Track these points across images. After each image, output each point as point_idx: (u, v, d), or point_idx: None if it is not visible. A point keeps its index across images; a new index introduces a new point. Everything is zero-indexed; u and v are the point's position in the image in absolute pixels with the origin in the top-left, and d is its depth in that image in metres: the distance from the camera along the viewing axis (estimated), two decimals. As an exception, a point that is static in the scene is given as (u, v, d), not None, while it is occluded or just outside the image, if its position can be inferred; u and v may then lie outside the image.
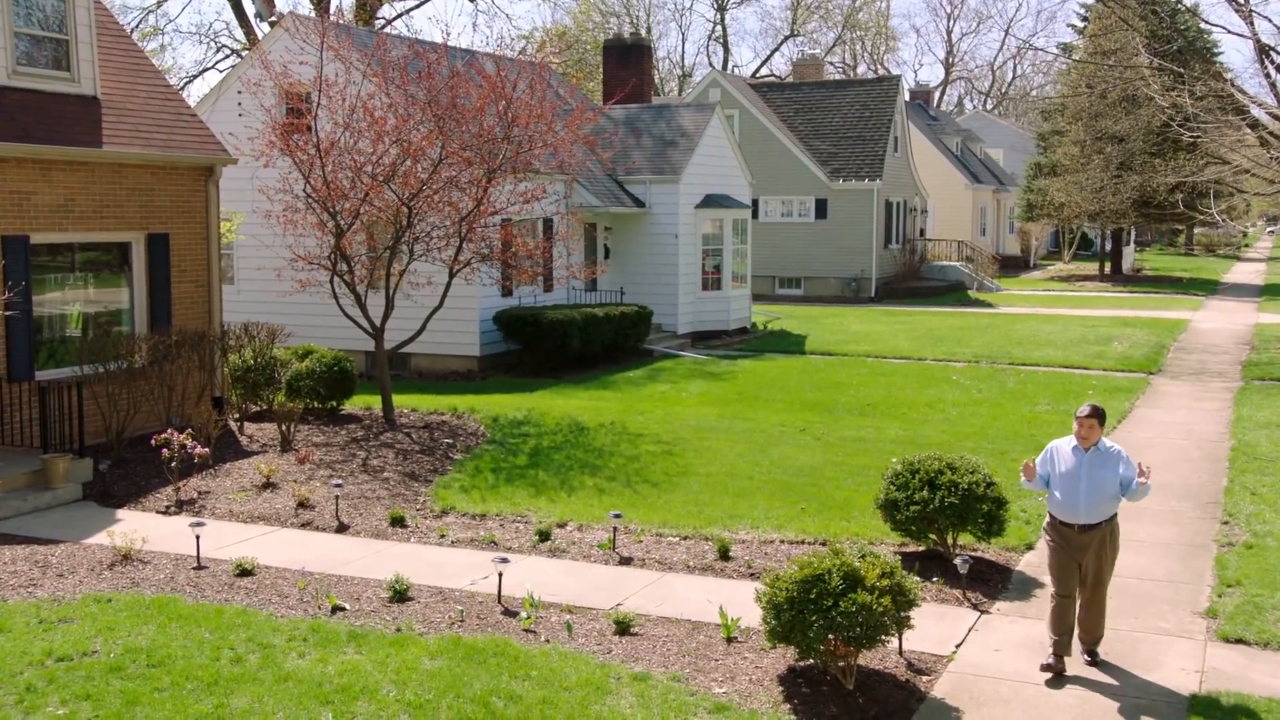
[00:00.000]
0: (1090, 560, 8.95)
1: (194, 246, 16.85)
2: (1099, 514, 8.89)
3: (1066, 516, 8.96)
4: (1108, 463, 8.89)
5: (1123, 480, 8.93)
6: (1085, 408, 8.99)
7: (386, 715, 7.87)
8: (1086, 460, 8.89)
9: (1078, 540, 8.92)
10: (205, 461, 14.46)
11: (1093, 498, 8.83)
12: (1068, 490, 8.92)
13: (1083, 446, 8.95)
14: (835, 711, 8.23)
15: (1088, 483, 8.84)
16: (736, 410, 19.53)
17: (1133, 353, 26.95)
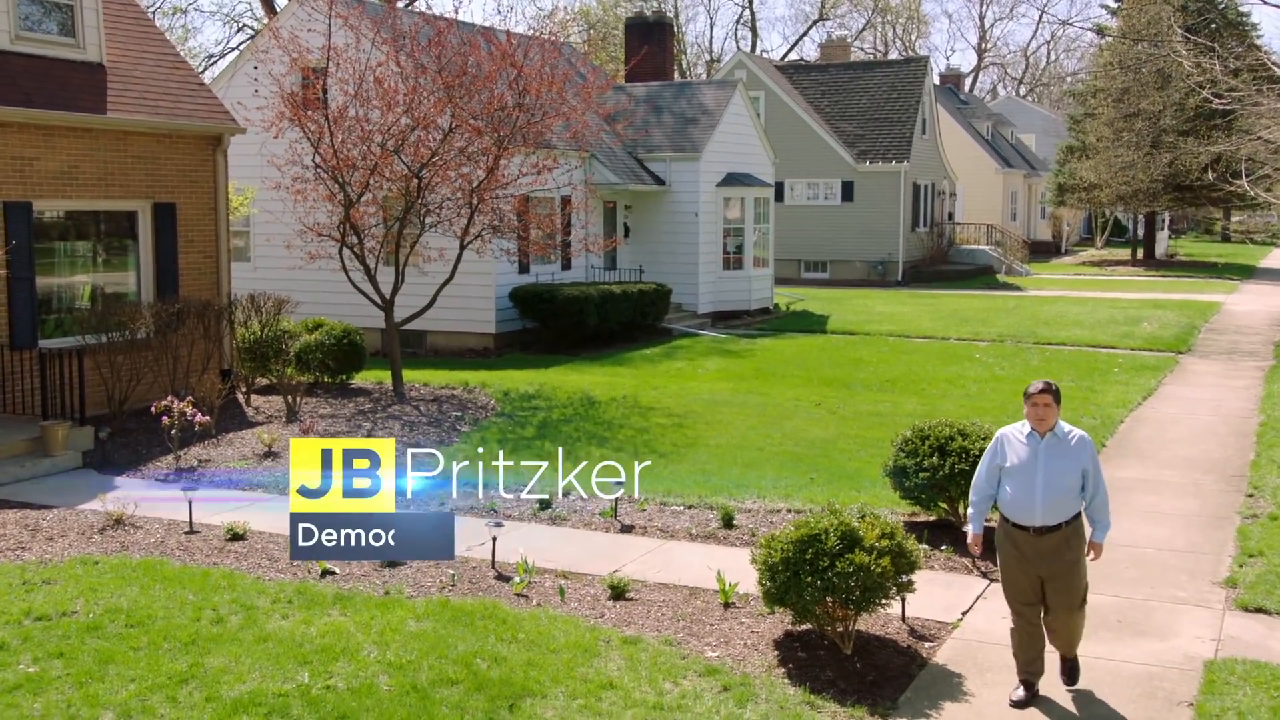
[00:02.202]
0: (1054, 572, 7.45)
1: (202, 217, 16.67)
2: (1059, 513, 7.39)
3: (1020, 517, 7.46)
4: (1067, 451, 7.42)
5: (1085, 473, 7.44)
6: (1037, 384, 7.52)
7: (365, 675, 7.62)
8: (1043, 448, 7.41)
9: (1034, 546, 7.42)
10: (208, 430, 14.28)
11: (1051, 493, 7.34)
12: (1021, 485, 7.42)
13: (1037, 431, 7.44)
14: (831, 676, 7.92)
15: (1045, 475, 7.36)
16: (752, 386, 19.21)
17: (1162, 333, 26.40)
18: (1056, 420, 7.46)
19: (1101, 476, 7.52)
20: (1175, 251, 60.42)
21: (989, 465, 7.65)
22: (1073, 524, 7.46)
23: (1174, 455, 14.73)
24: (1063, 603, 7.53)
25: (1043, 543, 7.42)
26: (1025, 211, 59.89)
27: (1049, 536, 7.41)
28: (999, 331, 26.52)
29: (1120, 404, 17.84)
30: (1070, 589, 7.51)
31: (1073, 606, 7.56)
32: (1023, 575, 7.54)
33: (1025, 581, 7.54)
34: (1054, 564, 7.43)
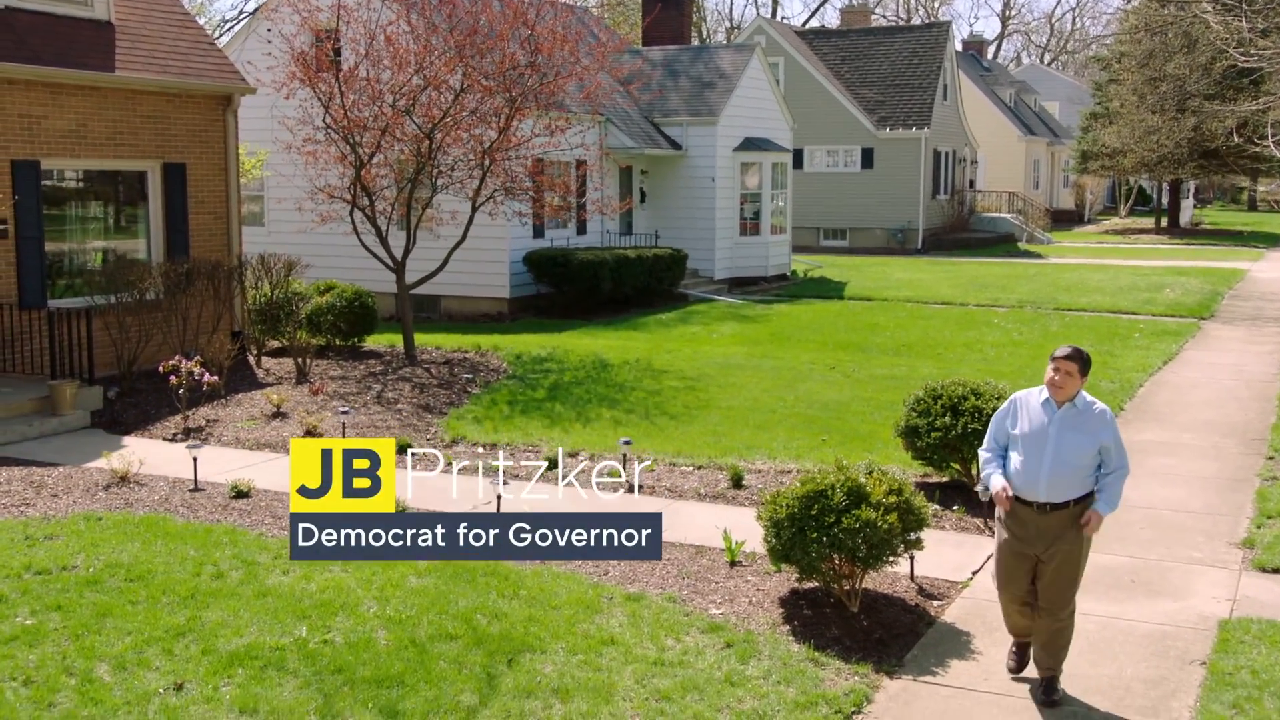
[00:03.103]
0: (1052, 554, 6.78)
1: (212, 177, 16.56)
2: (1066, 490, 6.73)
3: (1024, 490, 6.80)
4: (1085, 424, 6.75)
5: (1103, 451, 6.77)
6: (1065, 348, 6.83)
7: (363, 630, 7.54)
8: (1058, 419, 6.77)
9: (1036, 525, 6.78)
10: (216, 391, 14.21)
11: (1059, 468, 6.70)
12: (1028, 455, 6.79)
13: (1055, 400, 6.79)
14: (837, 633, 7.80)
15: (1055, 448, 6.71)
16: (766, 350, 19.03)
17: (1185, 299, 26.07)
18: (1078, 391, 6.76)
19: (1125, 454, 6.84)
20: (1200, 220, 59.79)
21: (999, 425, 7.06)
22: (1082, 504, 6.76)
23: (1194, 419, 14.51)
24: (1051, 594, 6.81)
25: (1046, 521, 6.76)
26: (1048, 180, 59.30)
27: (1054, 515, 6.74)
28: (1018, 298, 26.23)
29: (1140, 368, 17.60)
30: (1063, 578, 6.79)
31: (1061, 602, 6.81)
32: (1019, 560, 6.87)
33: (1021, 569, 6.88)
34: (1056, 545, 6.76)
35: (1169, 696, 7.00)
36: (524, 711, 6.55)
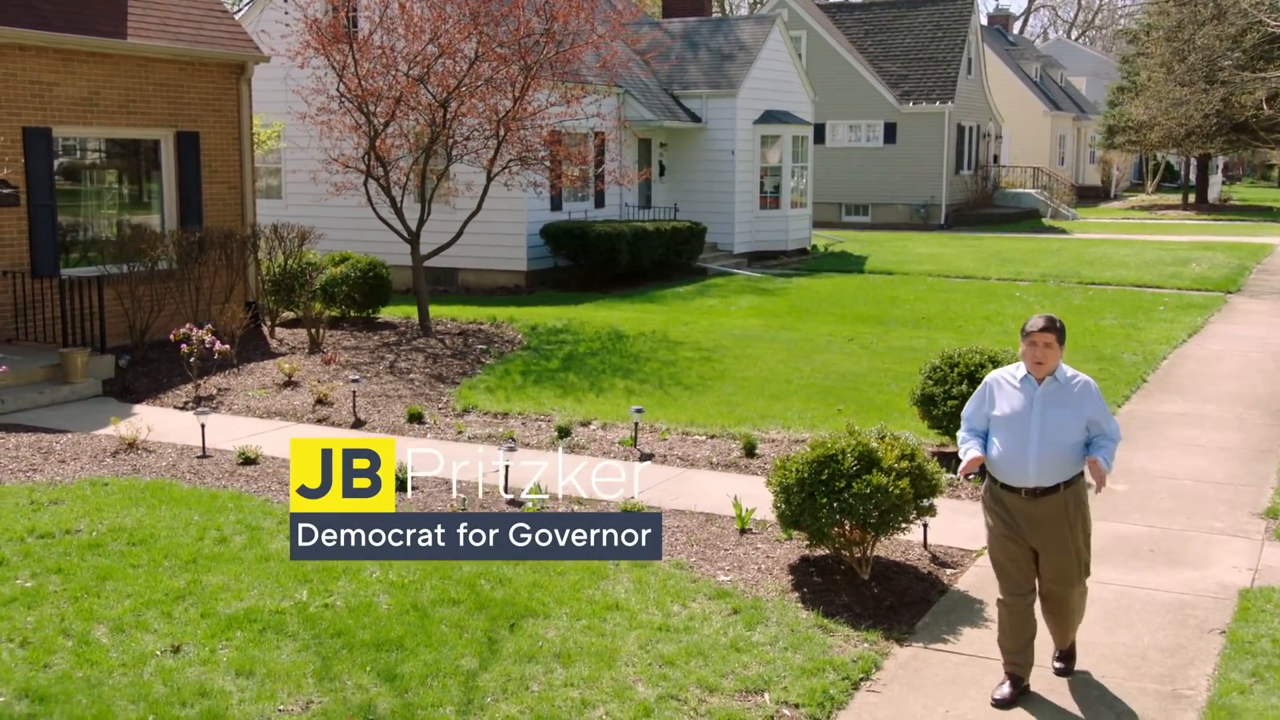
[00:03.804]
0: (1048, 543, 6.30)
1: (225, 147, 16.46)
2: (1056, 472, 6.20)
3: (1010, 477, 6.26)
4: (1068, 400, 6.25)
5: (1090, 425, 6.27)
6: (1038, 319, 6.27)
7: (365, 594, 7.44)
8: (1040, 396, 6.24)
9: (1026, 512, 6.27)
10: (229, 360, 14.14)
11: (1047, 448, 6.16)
12: (1012, 438, 6.26)
13: (1034, 376, 6.27)
14: (847, 600, 7.65)
15: (1041, 427, 6.19)
16: (784, 322, 18.84)
17: (1211, 273, 25.71)
18: (1058, 363, 6.26)
19: (1114, 423, 6.40)
20: (1228, 196, 59.08)
21: (975, 410, 6.51)
22: (1072, 486, 6.28)
23: (1218, 390, 14.27)
24: (1060, 575, 6.36)
25: (1037, 508, 6.23)
26: (1074, 155, 58.68)
27: (1044, 501, 6.22)
28: (1041, 272, 25.92)
29: (1164, 341, 17.34)
30: (1069, 561, 6.33)
31: (1071, 580, 6.38)
32: (1013, 549, 6.36)
33: (1015, 557, 6.36)
34: (1049, 533, 6.27)
35: (1186, 665, 6.83)
36: (524, 675, 6.43)
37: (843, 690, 6.44)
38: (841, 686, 6.47)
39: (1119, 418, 12.76)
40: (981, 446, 6.40)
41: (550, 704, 6.14)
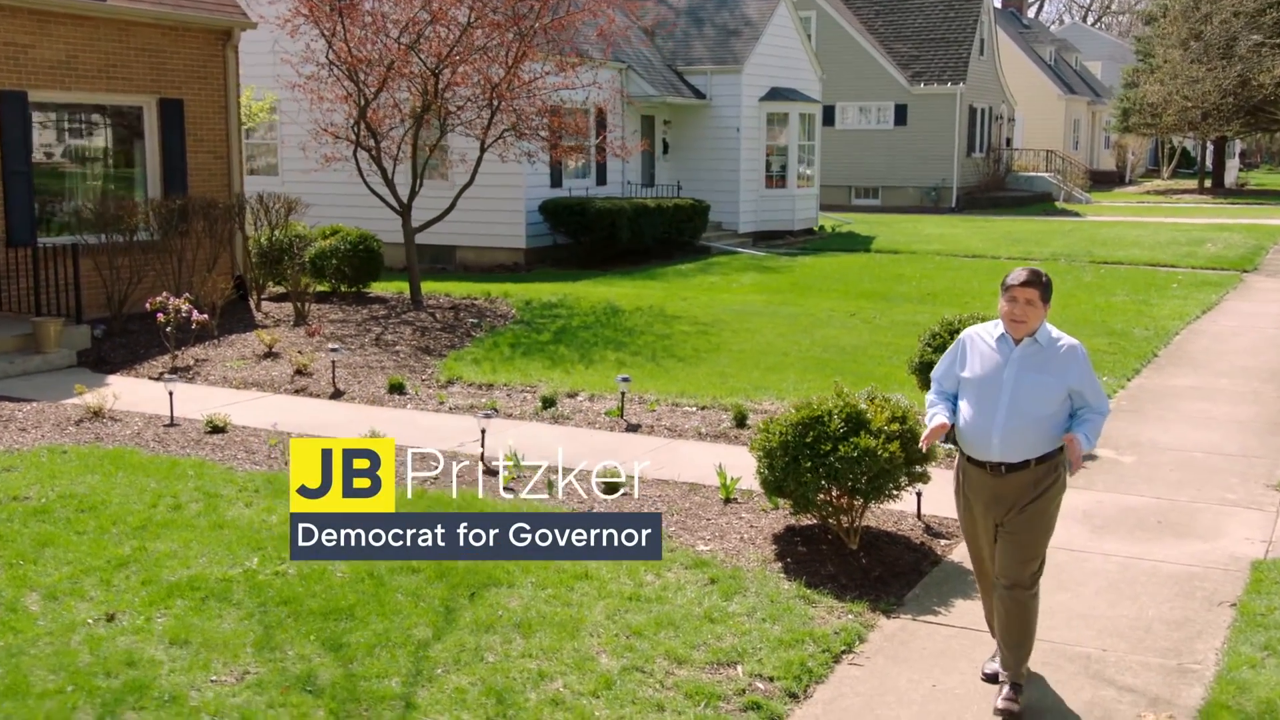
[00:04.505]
0: (1009, 519, 5.49)
1: (211, 115, 16.03)
2: (1025, 447, 5.40)
3: (975, 448, 5.51)
4: (1049, 364, 5.44)
5: (1073, 396, 5.46)
6: (1020, 272, 5.53)
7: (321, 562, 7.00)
8: (1016, 358, 5.46)
9: (992, 490, 5.50)
10: (209, 332, 13.74)
11: (1017, 419, 5.38)
12: (979, 404, 5.47)
13: (1012, 335, 5.49)
14: (832, 571, 7.20)
15: (1012, 394, 5.41)
16: (786, 298, 18.37)
17: (1227, 253, 25.13)
18: (1041, 324, 5.49)
19: (1103, 396, 5.55)
20: (1245, 181, 58.31)
21: (946, 369, 5.76)
22: (1046, 464, 5.45)
23: (1232, 365, 13.77)
24: (1005, 563, 5.50)
25: (1003, 486, 5.47)
26: (1088, 140, 57.94)
27: (1012, 479, 5.45)
28: (1052, 251, 25.36)
29: (1176, 316, 16.83)
30: (1020, 545, 5.47)
31: (1017, 575, 5.48)
32: (979, 530, 5.68)
33: (982, 539, 5.69)
34: (1014, 511, 5.48)
35: (1194, 638, 6.36)
36: (479, 646, 6.00)
37: (822, 663, 6.00)
38: (821, 659, 6.03)
39: (1127, 391, 12.28)
40: (950, 412, 5.64)
41: (504, 675, 5.71)
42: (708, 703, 5.52)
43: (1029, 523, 5.46)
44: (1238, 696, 5.58)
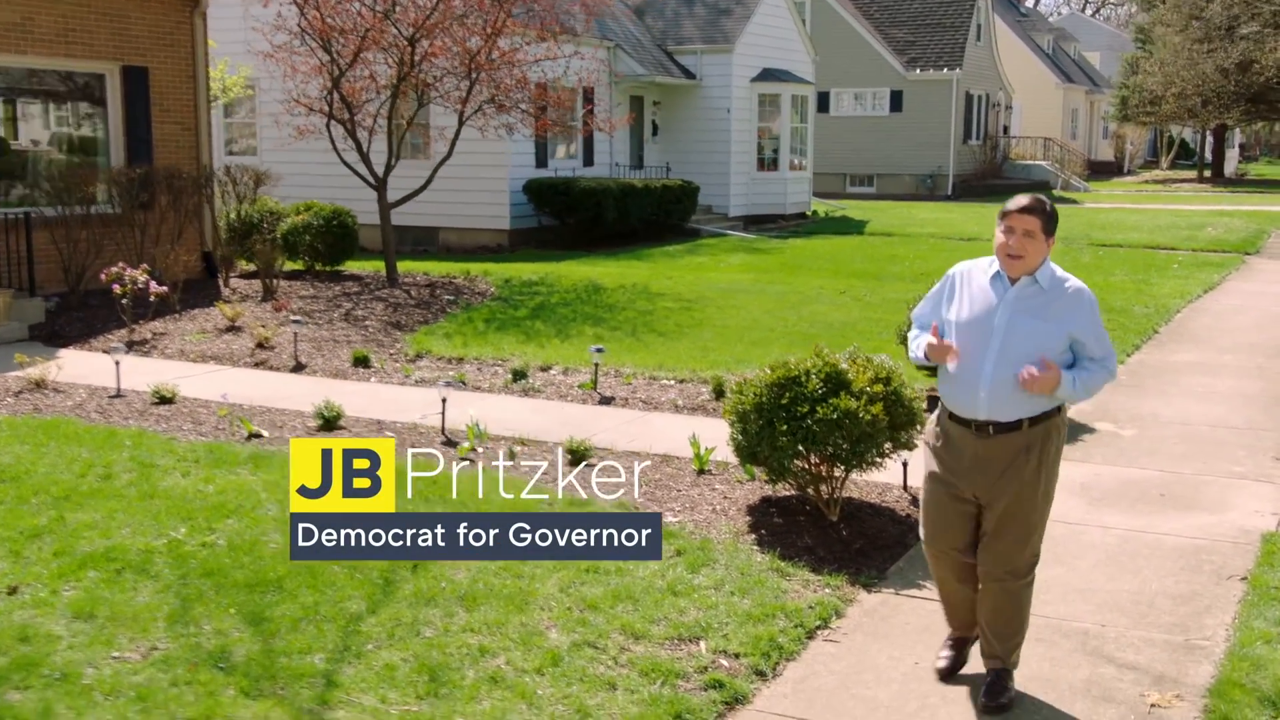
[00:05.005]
0: (995, 497, 4.76)
1: (178, 84, 15.45)
2: (1015, 404, 4.66)
3: (957, 403, 4.78)
4: (1048, 309, 4.65)
5: (1075, 347, 4.70)
6: (1020, 198, 4.73)
7: (254, 532, 6.46)
8: (1010, 300, 4.69)
9: (974, 454, 4.77)
10: (170, 305, 13.19)
11: (1008, 368, 4.62)
12: (967, 350, 4.71)
13: (1008, 274, 4.70)
14: (809, 543, 6.65)
15: (1004, 341, 4.65)
16: (775, 277, 17.82)
17: (1228, 237, 24.61)
18: (1043, 261, 4.68)
19: (1110, 349, 4.76)
20: (1245, 171, 57.84)
21: (931, 307, 5.00)
22: (1041, 426, 4.71)
23: (1235, 341, 13.24)
24: (999, 550, 4.80)
25: (989, 449, 4.72)
26: (1086, 130, 57.36)
27: (1000, 441, 4.71)
28: (1050, 234, 24.78)
29: (1178, 295, 16.31)
30: (1014, 527, 4.77)
31: (1012, 562, 4.81)
32: (952, 501, 4.87)
33: (955, 512, 4.88)
34: (999, 485, 4.74)
35: (1201, 613, 5.82)
36: (417, 620, 5.46)
37: (795, 639, 5.45)
38: (794, 635, 5.48)
39: (1127, 367, 11.74)
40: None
41: (441, 651, 5.16)
42: (664, 681, 4.98)
43: (1023, 498, 4.73)
44: (1251, 674, 5.04)
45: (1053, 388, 4.57)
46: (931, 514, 4.98)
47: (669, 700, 4.80)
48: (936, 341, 4.75)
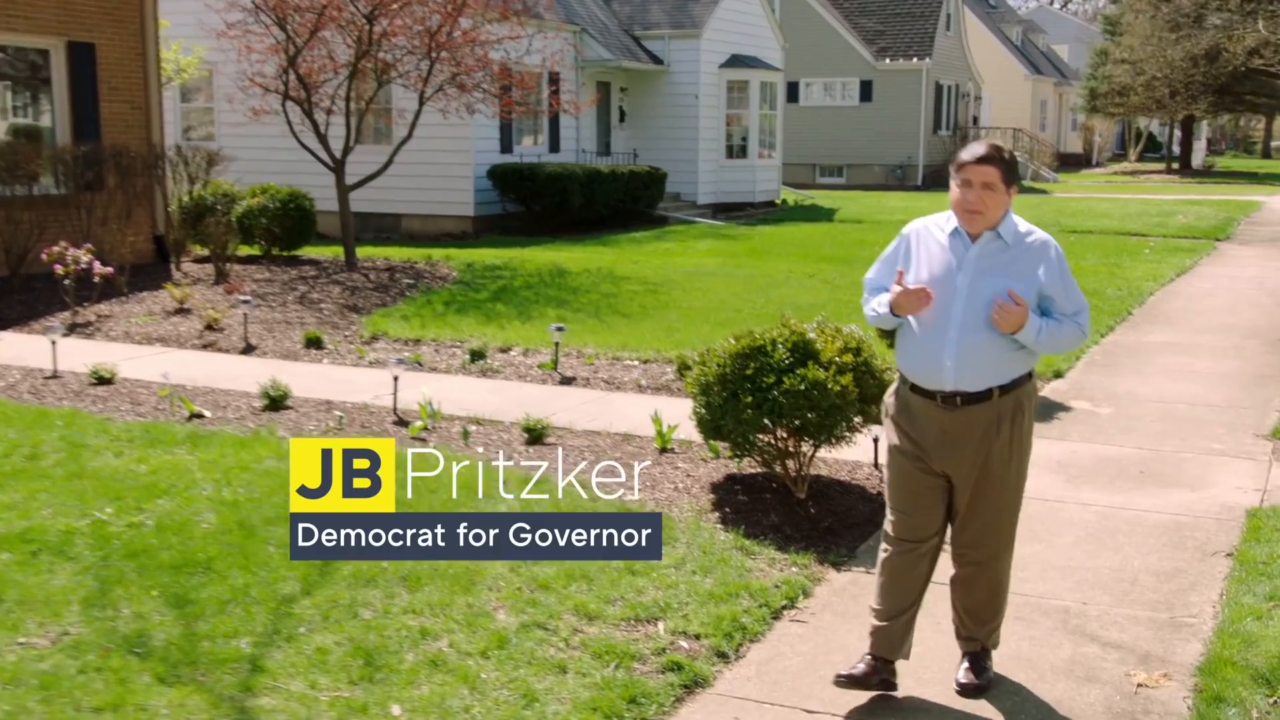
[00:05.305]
0: (967, 475, 4.32)
1: (128, 62, 14.97)
2: (986, 372, 4.23)
3: (920, 373, 4.32)
4: (1014, 265, 4.23)
5: (1044, 302, 4.27)
6: (976, 146, 4.29)
7: (186, 513, 6.07)
8: (973, 257, 4.26)
9: (940, 427, 4.30)
10: (118, 288, 12.73)
11: (974, 333, 4.20)
12: (929, 317, 4.26)
13: (968, 230, 4.28)
14: (776, 521, 6.32)
15: (969, 301, 4.21)
16: (743, 262, 17.50)
17: (1198, 223, 24.48)
18: (1005, 214, 4.27)
19: (1083, 303, 4.35)
20: (1213, 164, 57.99)
21: (886, 269, 4.50)
22: (1012, 395, 4.28)
23: (1210, 322, 13.02)
24: (983, 530, 4.39)
25: (955, 421, 4.27)
26: (1055, 122, 57.36)
27: (967, 412, 4.26)
28: (1020, 221, 24.59)
29: (1151, 278, 16.08)
30: (989, 512, 4.37)
31: (999, 541, 4.43)
32: (917, 481, 4.38)
33: (919, 492, 4.39)
34: (972, 461, 4.30)
35: (1187, 590, 5.53)
36: (355, 601, 5.09)
37: (759, 619, 5.12)
38: (758, 614, 5.15)
39: (1101, 347, 11.50)
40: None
41: (379, 633, 4.80)
42: (619, 663, 4.63)
43: (997, 474, 4.32)
44: (1243, 651, 4.74)
45: (1021, 323, 4.15)
46: (903, 493, 4.44)
47: (623, 684, 4.45)
48: (904, 287, 4.24)
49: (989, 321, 4.18)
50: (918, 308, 4.25)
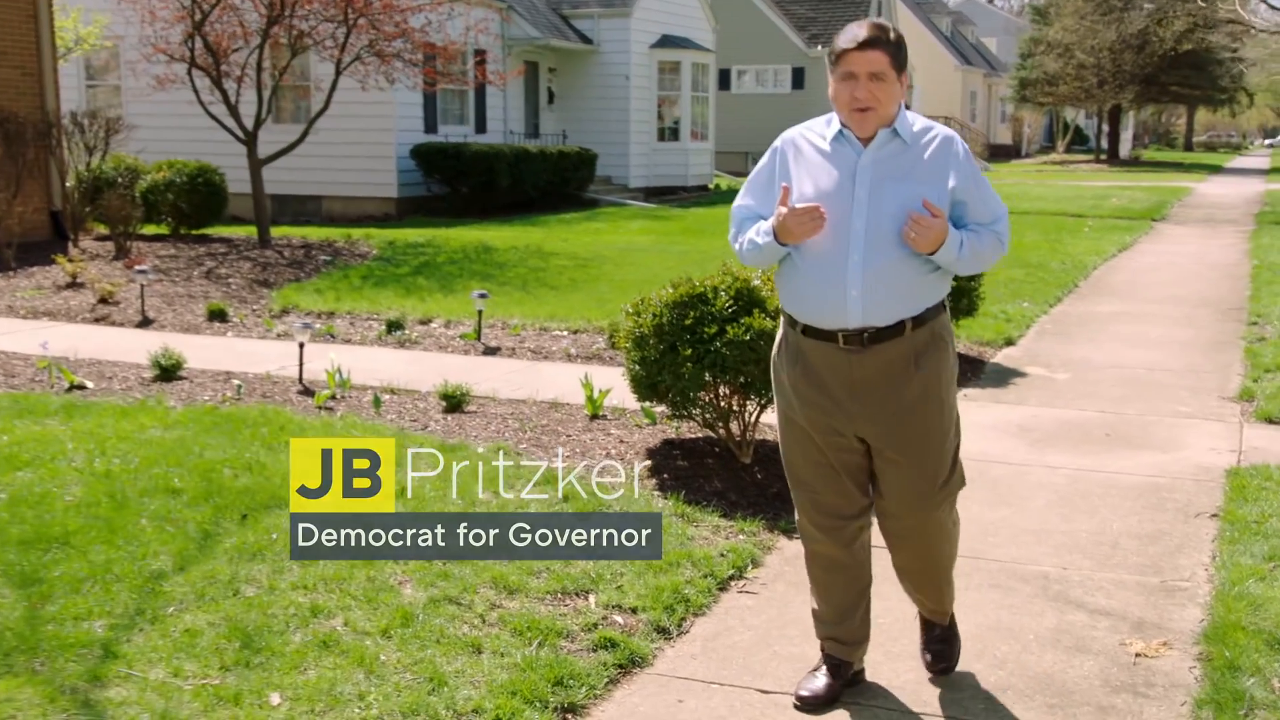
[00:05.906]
0: (889, 427, 3.53)
1: (17, 25, 14.02)
2: (896, 301, 3.46)
3: (818, 314, 3.49)
4: (920, 166, 3.47)
5: (957, 208, 3.49)
6: (857, 28, 3.50)
7: (47, 485, 5.32)
8: (866, 164, 3.47)
9: (846, 377, 3.50)
10: (5, 262, 11.83)
11: (881, 253, 3.42)
12: (821, 244, 3.45)
13: (857, 133, 3.50)
14: (719, 487, 5.72)
15: (871, 216, 3.43)
16: (677, 239, 16.92)
17: (1133, 205, 24.36)
18: (898, 110, 3.53)
19: (1001, 208, 3.58)
20: (1139, 154, 58.58)
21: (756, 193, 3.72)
22: (926, 328, 3.51)
23: (1159, 294, 12.66)
24: (912, 488, 3.58)
25: (865, 366, 3.49)
26: (985, 113, 57.54)
27: (878, 352, 3.47)
28: (956, 204, 24.28)
29: (1094, 253, 15.75)
30: (920, 462, 3.56)
31: (931, 496, 3.60)
32: (821, 443, 3.60)
33: (823, 458, 3.62)
34: (888, 411, 3.51)
35: (1174, 553, 5.00)
36: (236, 577, 4.39)
37: (704, 590, 4.50)
38: (703, 585, 4.53)
39: (1050, 317, 11.06)
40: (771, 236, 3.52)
41: (262, 612, 4.11)
42: (543, 641, 3.98)
43: (920, 416, 3.51)
44: (1251, 615, 4.20)
45: (941, 238, 3.38)
46: (809, 466, 3.65)
47: (547, 664, 3.80)
48: (790, 207, 3.41)
49: (900, 238, 3.40)
50: (810, 231, 3.41)
